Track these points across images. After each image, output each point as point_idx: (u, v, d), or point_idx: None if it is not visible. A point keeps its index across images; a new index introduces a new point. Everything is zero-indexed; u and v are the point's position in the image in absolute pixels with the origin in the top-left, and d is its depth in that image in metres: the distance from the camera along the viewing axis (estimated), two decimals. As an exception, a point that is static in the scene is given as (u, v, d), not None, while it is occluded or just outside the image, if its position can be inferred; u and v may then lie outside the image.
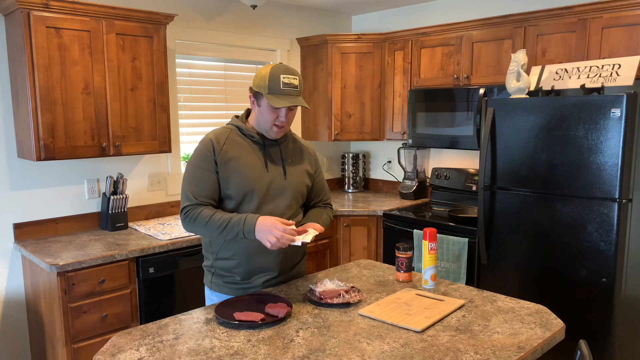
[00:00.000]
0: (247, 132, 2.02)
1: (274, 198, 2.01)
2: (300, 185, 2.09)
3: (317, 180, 2.20)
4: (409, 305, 1.87)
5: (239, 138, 2.02)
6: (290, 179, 2.05)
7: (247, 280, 2.04)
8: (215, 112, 3.89)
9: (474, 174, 3.81)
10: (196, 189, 1.95)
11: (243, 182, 1.96)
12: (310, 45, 4.23)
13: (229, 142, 1.99)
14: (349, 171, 4.55)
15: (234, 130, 2.03)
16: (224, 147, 1.97)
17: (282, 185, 2.03)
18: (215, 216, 1.89)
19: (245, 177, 1.96)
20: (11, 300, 3.03)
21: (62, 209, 3.17)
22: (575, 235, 2.72)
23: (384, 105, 4.12)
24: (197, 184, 1.95)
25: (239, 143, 2.01)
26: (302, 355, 1.53)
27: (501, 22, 3.34)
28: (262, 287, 2.06)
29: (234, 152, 1.98)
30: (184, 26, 3.60)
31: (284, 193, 2.04)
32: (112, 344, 1.60)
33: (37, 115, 2.71)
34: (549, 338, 1.64)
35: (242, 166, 1.97)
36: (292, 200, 2.06)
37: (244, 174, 1.96)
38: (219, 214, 1.90)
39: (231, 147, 1.99)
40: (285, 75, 1.92)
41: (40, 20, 2.66)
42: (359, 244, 3.85)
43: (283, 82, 1.91)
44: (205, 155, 1.96)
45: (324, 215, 2.16)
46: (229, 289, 2.05)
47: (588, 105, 2.61)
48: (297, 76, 1.96)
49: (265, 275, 2.05)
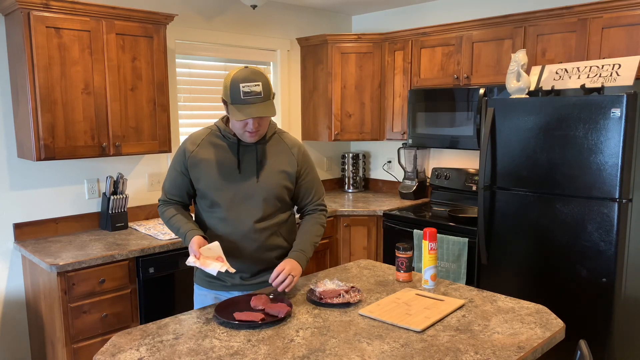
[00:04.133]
0: (224, 133, 2.02)
1: (244, 200, 2.00)
2: (275, 187, 2.02)
3: (305, 181, 2.12)
4: (409, 305, 1.87)
5: (216, 139, 2.03)
6: (262, 181, 2.01)
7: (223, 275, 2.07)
8: (215, 112, 3.89)
9: (474, 174, 3.81)
10: (167, 187, 2.11)
11: (211, 183, 1.99)
12: (310, 45, 4.23)
13: (203, 144, 2.03)
14: (349, 171, 4.55)
15: (214, 131, 2.05)
16: (197, 149, 2.02)
17: (253, 188, 2.00)
18: (172, 220, 2.06)
19: (213, 179, 1.99)
20: (11, 300, 3.03)
21: (62, 209, 3.17)
22: (575, 235, 2.72)
23: (384, 105, 4.12)
24: (169, 183, 2.10)
25: (215, 144, 2.02)
26: (302, 355, 1.53)
27: (501, 22, 3.34)
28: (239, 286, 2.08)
29: (206, 154, 2.01)
30: (184, 26, 3.60)
31: (254, 195, 2.00)
32: (112, 344, 1.60)
33: (37, 115, 2.71)
34: (549, 338, 1.64)
35: (212, 168, 1.99)
36: (263, 202, 2.01)
37: (212, 176, 1.99)
38: (175, 220, 2.05)
39: (204, 149, 2.01)
40: (245, 83, 1.83)
41: (40, 20, 2.66)
42: (359, 244, 3.85)
43: (243, 92, 1.83)
44: (178, 157, 2.05)
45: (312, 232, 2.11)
46: (213, 284, 2.09)
47: (588, 105, 2.61)
48: (260, 82, 1.85)
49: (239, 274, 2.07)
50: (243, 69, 1.89)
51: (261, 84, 1.86)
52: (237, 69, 1.90)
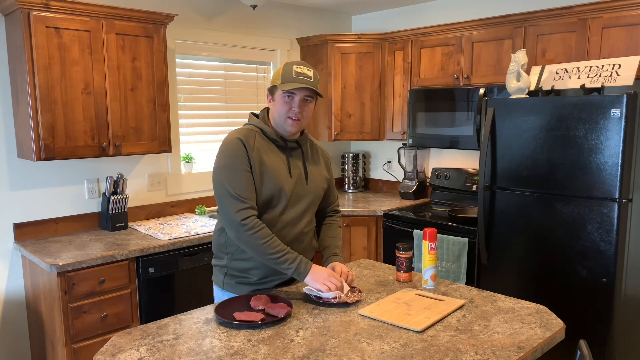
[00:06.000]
0: (270, 135, 1.98)
1: (295, 203, 2.01)
2: (320, 191, 2.10)
3: (330, 183, 2.20)
4: (409, 305, 1.87)
5: (263, 140, 1.97)
6: (311, 184, 2.05)
7: (261, 280, 2.04)
8: (215, 112, 3.89)
9: (474, 174, 3.81)
10: (244, 191, 1.86)
11: (273, 185, 1.93)
12: (310, 45, 4.23)
13: (257, 145, 1.94)
14: (349, 171, 4.56)
15: (258, 132, 1.98)
16: (254, 148, 1.92)
17: (304, 191, 2.03)
18: (274, 241, 1.87)
19: (275, 181, 1.94)
20: (11, 300, 3.03)
21: (62, 209, 3.17)
22: (575, 235, 2.72)
23: (384, 105, 4.12)
24: (243, 186, 1.87)
25: (264, 146, 1.97)
26: (302, 355, 1.53)
27: (501, 22, 3.34)
28: (273, 288, 2.07)
29: (262, 154, 1.94)
30: (184, 26, 3.60)
31: (305, 198, 2.03)
32: (112, 344, 1.60)
33: (37, 115, 2.71)
34: (549, 338, 1.64)
35: (271, 169, 1.94)
36: (311, 205, 2.07)
37: (274, 178, 1.93)
38: (277, 241, 1.88)
39: (259, 150, 1.94)
40: (298, 66, 1.92)
41: (40, 20, 2.66)
42: (359, 244, 3.85)
43: (296, 72, 1.90)
44: (239, 155, 1.88)
45: (340, 237, 2.22)
46: (241, 289, 2.04)
47: (588, 105, 2.61)
48: (312, 69, 1.95)
49: (280, 278, 2.06)
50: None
51: (312, 71, 1.95)
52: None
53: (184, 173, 3.71)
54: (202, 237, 3.05)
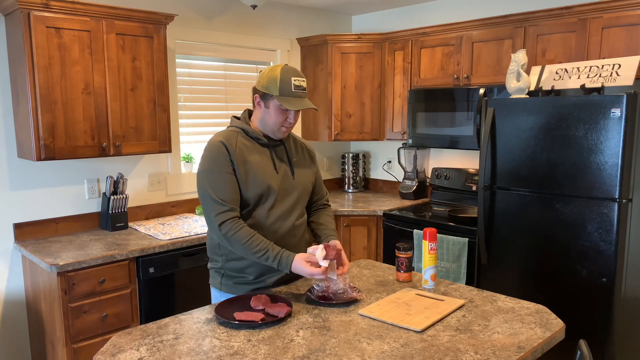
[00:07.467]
0: (253, 134, 2.01)
1: (283, 198, 2.03)
2: (308, 184, 2.14)
3: (317, 177, 2.24)
4: (409, 305, 1.87)
5: (245, 140, 2.01)
6: (298, 179, 2.09)
7: (259, 279, 2.04)
8: (215, 112, 3.89)
9: (474, 174, 3.81)
10: (226, 194, 1.90)
11: (259, 183, 1.97)
12: (310, 45, 4.23)
13: (239, 145, 1.97)
14: (349, 171, 4.55)
15: (240, 133, 2.02)
16: (236, 149, 1.96)
17: (291, 185, 2.06)
18: (253, 240, 1.88)
19: (261, 179, 1.97)
20: (11, 300, 3.03)
21: (62, 209, 3.17)
22: (575, 235, 2.72)
23: (384, 105, 4.12)
24: (226, 188, 1.91)
25: (247, 145, 2.00)
26: (302, 355, 1.53)
27: (501, 22, 3.34)
28: (272, 286, 2.07)
29: (245, 154, 1.97)
30: (184, 26, 3.60)
31: (293, 192, 2.06)
32: (112, 344, 1.60)
33: (37, 115, 2.71)
34: (549, 338, 1.64)
35: (256, 168, 1.97)
36: (300, 199, 2.09)
37: (259, 175, 1.97)
38: (257, 240, 1.89)
39: (242, 150, 1.97)
40: (295, 77, 1.94)
41: (40, 20, 2.66)
42: (359, 244, 3.85)
43: (294, 85, 1.93)
44: (220, 158, 1.92)
45: (332, 224, 2.22)
46: (239, 289, 2.04)
47: (588, 105, 2.61)
48: (305, 79, 1.99)
49: (278, 274, 2.06)
50: (286, 65, 1.98)
51: (306, 81, 1.99)
52: (278, 65, 1.97)
53: (184, 173, 3.71)
54: (202, 237, 3.05)
